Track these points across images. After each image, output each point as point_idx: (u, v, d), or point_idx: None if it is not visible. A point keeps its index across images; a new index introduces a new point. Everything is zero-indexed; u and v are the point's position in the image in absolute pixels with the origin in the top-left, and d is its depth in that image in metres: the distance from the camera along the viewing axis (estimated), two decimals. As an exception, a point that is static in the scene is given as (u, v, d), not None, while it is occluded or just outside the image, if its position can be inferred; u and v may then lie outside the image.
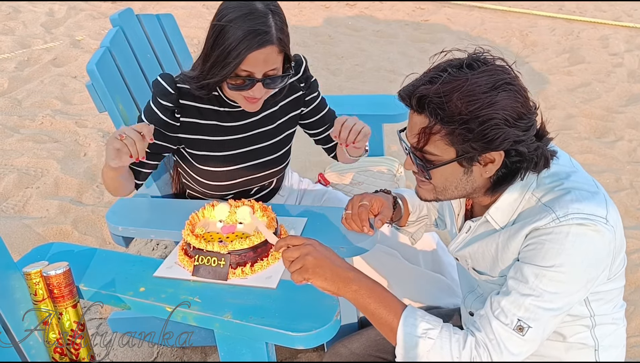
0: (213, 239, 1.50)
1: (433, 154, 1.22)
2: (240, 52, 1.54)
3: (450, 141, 1.18)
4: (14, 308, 1.36)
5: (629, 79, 4.71)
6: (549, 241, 1.18)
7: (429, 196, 1.32)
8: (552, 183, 1.26)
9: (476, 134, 1.15)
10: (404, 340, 1.22)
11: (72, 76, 4.63)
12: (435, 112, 1.16)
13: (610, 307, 1.33)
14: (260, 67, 1.58)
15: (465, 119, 1.14)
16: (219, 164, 1.81)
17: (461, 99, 1.14)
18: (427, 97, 1.16)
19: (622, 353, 1.41)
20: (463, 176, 1.24)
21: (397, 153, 3.54)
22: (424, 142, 1.21)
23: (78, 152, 3.62)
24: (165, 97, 1.71)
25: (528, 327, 1.18)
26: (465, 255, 1.41)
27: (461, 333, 1.22)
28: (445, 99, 1.14)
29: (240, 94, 1.65)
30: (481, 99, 1.13)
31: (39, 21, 5.68)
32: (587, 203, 1.19)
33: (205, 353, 2.19)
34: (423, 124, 1.20)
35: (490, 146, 1.17)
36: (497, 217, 1.30)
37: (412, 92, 1.19)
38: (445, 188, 1.27)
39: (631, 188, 3.25)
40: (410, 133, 1.25)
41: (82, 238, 2.84)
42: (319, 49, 5.33)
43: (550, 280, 1.18)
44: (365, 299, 1.26)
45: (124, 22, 2.22)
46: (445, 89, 1.15)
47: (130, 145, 1.50)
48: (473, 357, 1.19)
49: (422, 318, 1.24)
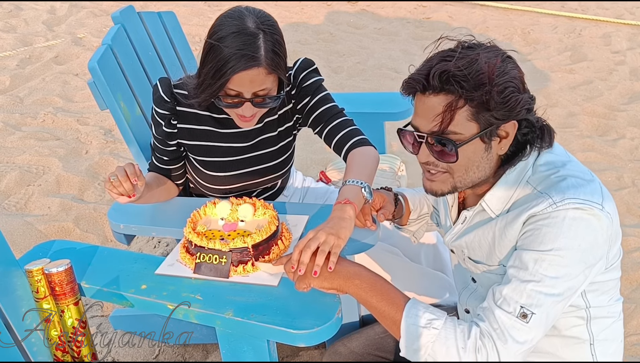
0: (215, 237, 1.50)
1: (456, 133, 1.22)
2: (226, 72, 1.53)
3: (474, 115, 1.20)
4: (16, 306, 1.36)
5: (631, 77, 4.70)
6: (546, 226, 1.19)
7: (445, 188, 1.30)
8: (548, 170, 1.27)
9: (498, 103, 1.18)
10: (408, 331, 1.22)
11: (73, 74, 4.63)
12: (459, 85, 1.18)
13: (605, 299, 1.33)
14: (247, 87, 1.57)
15: (488, 89, 1.17)
16: (220, 170, 1.81)
17: (479, 70, 1.18)
18: (449, 71, 1.18)
19: (619, 348, 1.41)
20: (484, 153, 1.25)
21: (398, 151, 3.54)
22: (448, 121, 1.21)
23: (80, 150, 3.62)
24: (161, 105, 1.72)
25: (531, 314, 1.18)
26: (462, 244, 1.41)
27: (466, 324, 1.22)
28: (466, 71, 1.17)
29: (233, 112, 1.65)
30: (497, 69, 1.18)
31: (40, 19, 5.68)
32: (583, 189, 1.21)
33: (207, 351, 2.19)
34: (445, 102, 1.20)
35: (512, 114, 1.20)
36: (492, 204, 1.31)
37: (428, 73, 1.21)
38: (467, 169, 1.26)
39: (633, 186, 3.25)
40: (426, 120, 1.24)
41: (83, 236, 2.84)
42: (320, 47, 5.33)
43: (549, 264, 1.18)
44: (367, 293, 1.26)
45: (125, 19, 2.22)
46: (462, 63, 1.18)
47: (117, 186, 1.54)
48: (478, 347, 1.18)
49: (426, 309, 1.23)
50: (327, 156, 3.44)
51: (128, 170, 1.54)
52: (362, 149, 1.71)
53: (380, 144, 2.51)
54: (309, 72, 1.80)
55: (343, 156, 1.75)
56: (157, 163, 1.82)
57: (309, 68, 1.80)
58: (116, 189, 1.54)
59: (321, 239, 1.29)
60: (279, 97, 1.64)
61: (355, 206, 1.45)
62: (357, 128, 1.78)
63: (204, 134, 1.78)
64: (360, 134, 1.76)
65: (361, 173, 1.59)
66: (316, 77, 1.80)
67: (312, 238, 1.30)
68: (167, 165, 1.82)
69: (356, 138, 1.74)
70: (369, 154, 1.69)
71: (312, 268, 1.27)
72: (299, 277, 1.27)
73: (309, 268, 1.27)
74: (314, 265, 1.26)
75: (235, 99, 1.59)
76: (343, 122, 1.77)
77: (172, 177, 1.85)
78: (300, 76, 1.79)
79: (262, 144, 1.82)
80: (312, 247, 1.27)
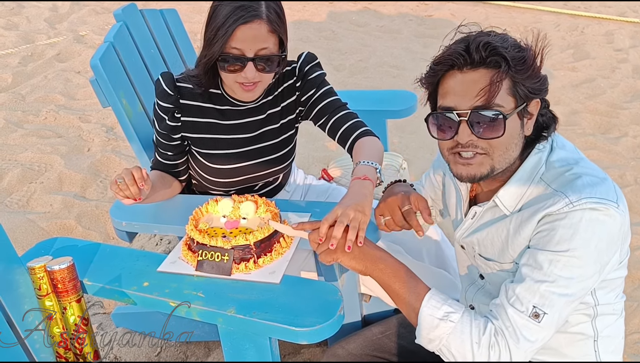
0: (217, 234, 1.50)
1: (501, 106, 1.22)
2: (229, 26, 1.55)
3: (513, 89, 1.22)
4: (19, 303, 1.36)
5: (634, 75, 4.69)
6: (562, 227, 1.18)
7: (485, 169, 1.27)
8: (561, 167, 1.26)
9: (532, 77, 1.21)
10: (425, 321, 1.25)
11: (75, 71, 4.64)
12: (503, 57, 1.19)
13: (612, 297, 1.33)
14: (249, 43, 1.58)
15: (524, 61, 1.20)
16: (224, 162, 1.81)
17: (513, 45, 1.21)
18: (491, 43, 1.20)
19: (620, 344, 1.41)
20: (520, 131, 1.26)
21: (400, 148, 3.54)
22: (494, 93, 1.20)
23: (82, 147, 3.62)
24: (165, 98, 1.73)
25: (544, 314, 1.18)
26: (473, 241, 1.40)
27: (482, 320, 1.23)
28: (505, 45, 1.20)
29: (235, 80, 1.65)
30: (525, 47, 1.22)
31: (42, 16, 5.69)
32: (599, 187, 1.20)
33: (209, 348, 2.19)
34: (488, 75, 1.20)
35: (543, 88, 1.24)
36: (505, 201, 1.30)
37: (467, 46, 1.21)
38: (507, 147, 1.25)
39: (635, 184, 3.24)
40: (468, 96, 1.22)
41: (85, 233, 2.85)
42: (322, 45, 5.32)
43: (564, 265, 1.18)
44: (390, 278, 1.30)
45: (127, 17, 2.22)
46: (498, 38, 1.22)
47: (123, 189, 1.55)
48: (492, 344, 1.20)
49: (445, 302, 1.26)
50: (328, 154, 3.44)
51: (135, 174, 1.55)
52: (369, 138, 1.74)
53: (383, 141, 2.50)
54: (313, 65, 1.84)
55: (348, 147, 1.78)
56: (161, 159, 1.83)
57: (313, 62, 1.84)
58: (122, 193, 1.56)
59: (350, 215, 1.32)
60: (279, 56, 1.65)
61: (373, 183, 1.48)
62: (361, 120, 1.81)
63: (207, 127, 1.78)
64: (364, 126, 1.79)
65: (373, 156, 1.62)
66: (320, 71, 1.85)
67: (342, 214, 1.33)
68: (171, 160, 1.82)
69: (362, 129, 1.77)
70: (376, 143, 1.73)
71: (343, 243, 1.30)
72: (327, 251, 1.31)
73: (340, 243, 1.31)
74: (347, 241, 1.30)
75: (238, 62, 1.60)
76: (347, 114, 1.81)
77: (176, 173, 1.85)
78: (306, 69, 1.82)
79: (265, 136, 1.83)
80: (344, 222, 1.31)
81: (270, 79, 1.72)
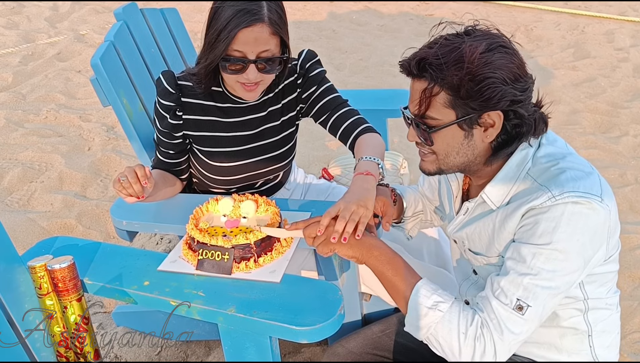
0: (217, 233, 1.50)
1: (434, 119, 1.25)
2: (231, 30, 1.55)
3: (450, 103, 1.22)
4: (19, 302, 1.36)
5: (635, 74, 4.69)
6: (544, 220, 1.20)
7: (432, 167, 1.34)
8: (548, 162, 1.28)
9: (474, 93, 1.19)
10: (414, 309, 1.27)
11: (76, 71, 4.64)
12: (434, 74, 1.20)
13: (604, 291, 1.34)
14: (251, 46, 1.58)
15: (460, 78, 1.18)
16: (225, 160, 1.82)
17: (458, 59, 1.19)
18: (426, 59, 1.21)
19: (616, 340, 1.42)
20: (464, 140, 1.27)
21: (401, 148, 3.54)
22: (426, 106, 1.24)
23: (82, 146, 3.62)
24: (166, 96, 1.73)
25: (527, 306, 1.20)
26: (463, 236, 1.43)
27: (470, 311, 1.25)
28: (443, 60, 1.19)
29: (237, 80, 1.65)
30: (477, 59, 1.18)
31: (43, 16, 5.69)
32: (582, 181, 1.21)
33: (209, 348, 2.19)
34: (423, 87, 1.23)
35: (488, 105, 1.20)
36: (492, 196, 1.32)
37: (412, 58, 1.25)
38: (447, 154, 1.29)
39: (636, 183, 3.24)
40: (412, 102, 1.28)
41: (86, 232, 2.85)
42: (322, 44, 5.32)
43: (547, 258, 1.19)
44: (384, 265, 1.33)
45: (128, 16, 2.22)
46: (442, 51, 1.20)
47: (127, 188, 1.56)
48: (478, 336, 1.22)
49: (435, 291, 1.28)
50: (329, 153, 3.44)
51: (139, 172, 1.56)
52: (371, 135, 1.76)
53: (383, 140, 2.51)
54: (314, 62, 1.85)
55: (350, 144, 1.79)
56: (162, 158, 1.83)
57: (314, 59, 1.86)
58: (125, 191, 1.57)
59: (352, 209, 1.35)
60: (281, 58, 1.65)
61: (376, 178, 1.51)
62: (362, 117, 1.82)
63: (209, 125, 1.79)
64: (366, 122, 1.81)
65: (375, 152, 1.64)
66: (321, 68, 1.86)
67: (344, 208, 1.35)
68: (172, 159, 1.83)
69: (363, 126, 1.79)
70: (378, 139, 1.74)
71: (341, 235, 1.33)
72: (324, 242, 1.34)
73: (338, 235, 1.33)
74: (344, 232, 1.33)
75: (240, 63, 1.60)
76: (349, 111, 1.82)
77: (177, 171, 1.85)
78: (307, 66, 1.83)
79: (266, 133, 1.84)
80: (347, 217, 1.34)
81: (272, 79, 1.73)
